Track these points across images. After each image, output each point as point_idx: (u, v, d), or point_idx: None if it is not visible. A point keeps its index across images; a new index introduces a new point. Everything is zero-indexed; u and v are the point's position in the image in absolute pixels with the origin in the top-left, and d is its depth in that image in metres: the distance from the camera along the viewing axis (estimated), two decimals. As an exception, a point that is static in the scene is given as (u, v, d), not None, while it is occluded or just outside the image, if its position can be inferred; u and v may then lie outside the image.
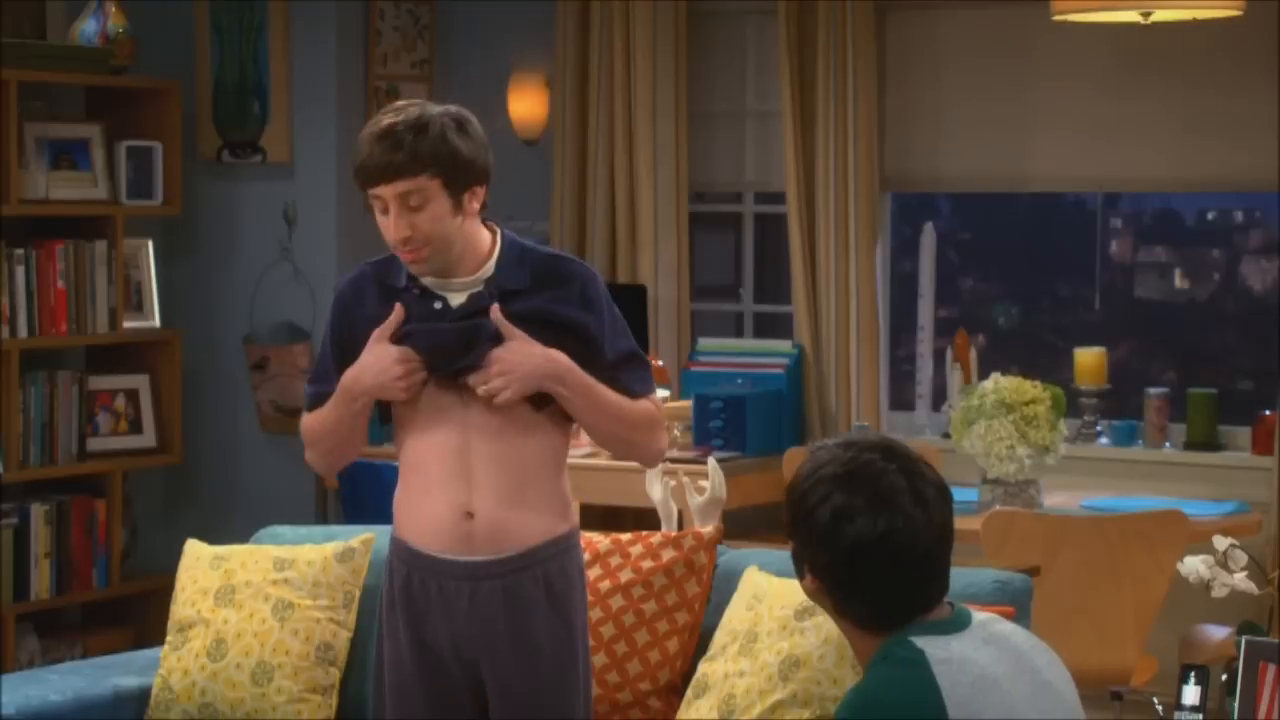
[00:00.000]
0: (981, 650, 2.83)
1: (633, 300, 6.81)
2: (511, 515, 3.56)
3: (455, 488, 3.55)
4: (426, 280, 3.58)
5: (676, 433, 6.43)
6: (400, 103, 3.56)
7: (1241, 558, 4.12)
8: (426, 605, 3.59)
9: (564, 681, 3.61)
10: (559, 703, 3.60)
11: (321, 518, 6.87)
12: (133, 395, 6.78)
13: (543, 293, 3.58)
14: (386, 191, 3.46)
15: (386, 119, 3.48)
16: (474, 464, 3.55)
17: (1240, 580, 4.10)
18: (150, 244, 6.85)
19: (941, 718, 2.74)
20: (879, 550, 2.84)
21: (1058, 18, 5.79)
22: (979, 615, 2.93)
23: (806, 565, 2.93)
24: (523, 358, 3.52)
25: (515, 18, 7.25)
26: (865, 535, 2.84)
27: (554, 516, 3.62)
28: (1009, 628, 2.93)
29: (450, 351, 3.54)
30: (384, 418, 3.69)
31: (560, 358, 3.54)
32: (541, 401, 3.57)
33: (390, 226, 3.48)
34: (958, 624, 2.87)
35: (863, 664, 2.93)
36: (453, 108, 3.54)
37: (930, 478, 2.91)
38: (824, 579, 2.90)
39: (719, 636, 4.01)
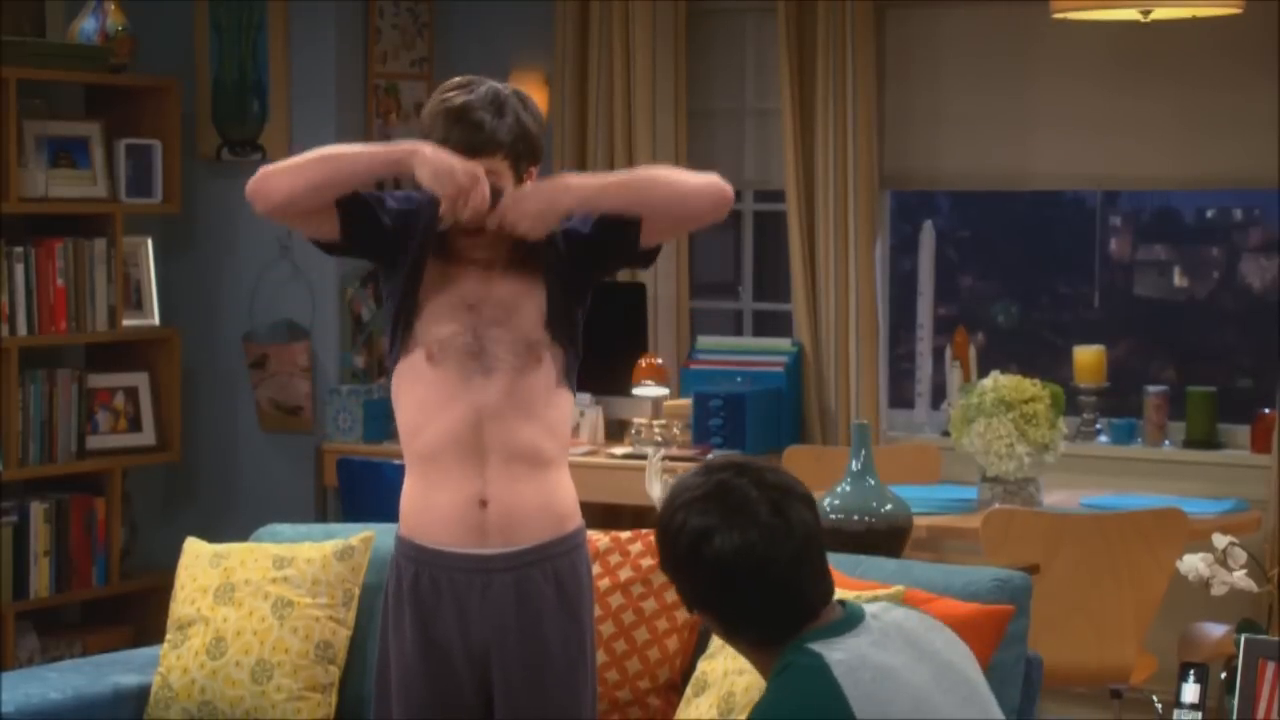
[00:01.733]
0: (878, 644, 2.83)
1: (632, 298, 6.81)
2: (525, 504, 3.55)
3: (469, 474, 3.54)
4: None
5: (676, 431, 6.43)
6: (462, 79, 3.54)
7: (1241, 555, 4.13)
8: (436, 602, 3.57)
9: (572, 679, 3.60)
10: (566, 701, 3.59)
11: (321, 516, 6.87)
12: (132, 393, 6.78)
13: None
14: None
15: (459, 96, 3.48)
16: (487, 447, 3.53)
17: (1239, 578, 4.10)
18: (149, 242, 6.85)
19: (847, 717, 2.73)
20: (742, 564, 2.83)
21: (1057, 16, 5.79)
22: (870, 607, 2.93)
23: (685, 598, 2.93)
24: (528, 189, 3.52)
25: (514, 15, 7.25)
26: (724, 551, 2.83)
27: (563, 512, 3.61)
28: (901, 613, 2.93)
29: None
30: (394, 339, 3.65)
31: (558, 177, 3.56)
32: (539, 357, 3.56)
33: None
34: (850, 622, 2.87)
35: (766, 675, 2.92)
36: (510, 85, 3.56)
37: (788, 486, 2.90)
38: (703, 605, 2.90)
39: (718, 634, 4.01)
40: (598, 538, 4.25)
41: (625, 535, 4.27)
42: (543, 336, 3.56)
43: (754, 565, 2.83)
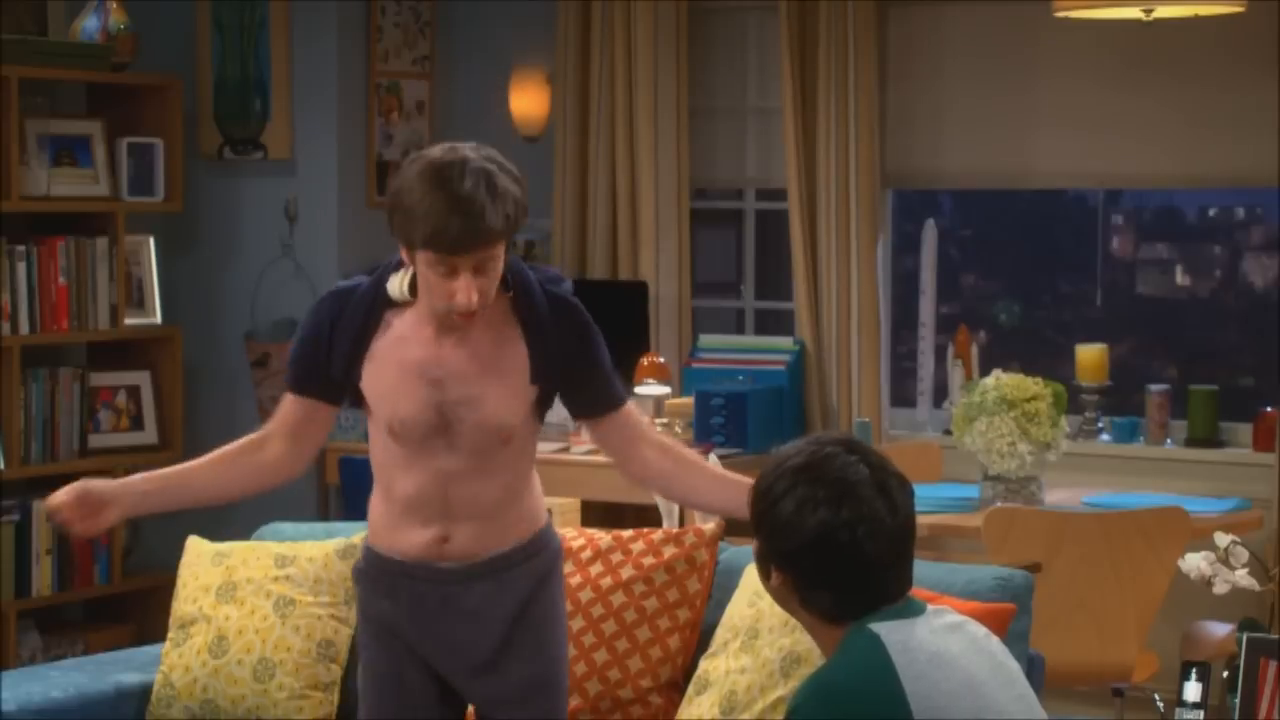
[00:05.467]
0: (936, 632, 2.87)
1: (634, 297, 6.81)
2: (485, 538, 3.52)
3: (431, 525, 3.51)
4: None
5: (678, 429, 6.43)
6: (445, 151, 3.33)
7: (1243, 554, 4.13)
8: (400, 606, 3.55)
9: (542, 675, 3.57)
10: (538, 700, 3.57)
11: (323, 514, 6.87)
12: (134, 392, 6.79)
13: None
14: (465, 261, 3.30)
15: (453, 182, 3.27)
16: (451, 505, 3.50)
17: (1241, 577, 4.10)
18: (151, 240, 6.85)
19: (895, 692, 2.76)
20: (844, 537, 2.86)
21: (1059, 14, 5.79)
22: (931, 606, 2.96)
23: (772, 561, 2.95)
24: None
25: (516, 14, 7.25)
26: (830, 523, 2.87)
27: (527, 522, 3.57)
28: (962, 617, 2.97)
29: None
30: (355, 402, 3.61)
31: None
32: (508, 440, 3.49)
33: (461, 291, 3.31)
34: (914, 610, 2.91)
35: (826, 654, 2.95)
36: (487, 149, 3.37)
37: (893, 471, 2.95)
38: (789, 570, 2.92)
39: (720, 633, 4.01)
40: (600, 536, 4.25)
41: (627, 534, 4.27)
42: (516, 423, 3.47)
43: (853, 543, 2.87)
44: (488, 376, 3.45)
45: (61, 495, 3.50)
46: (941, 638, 2.87)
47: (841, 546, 2.87)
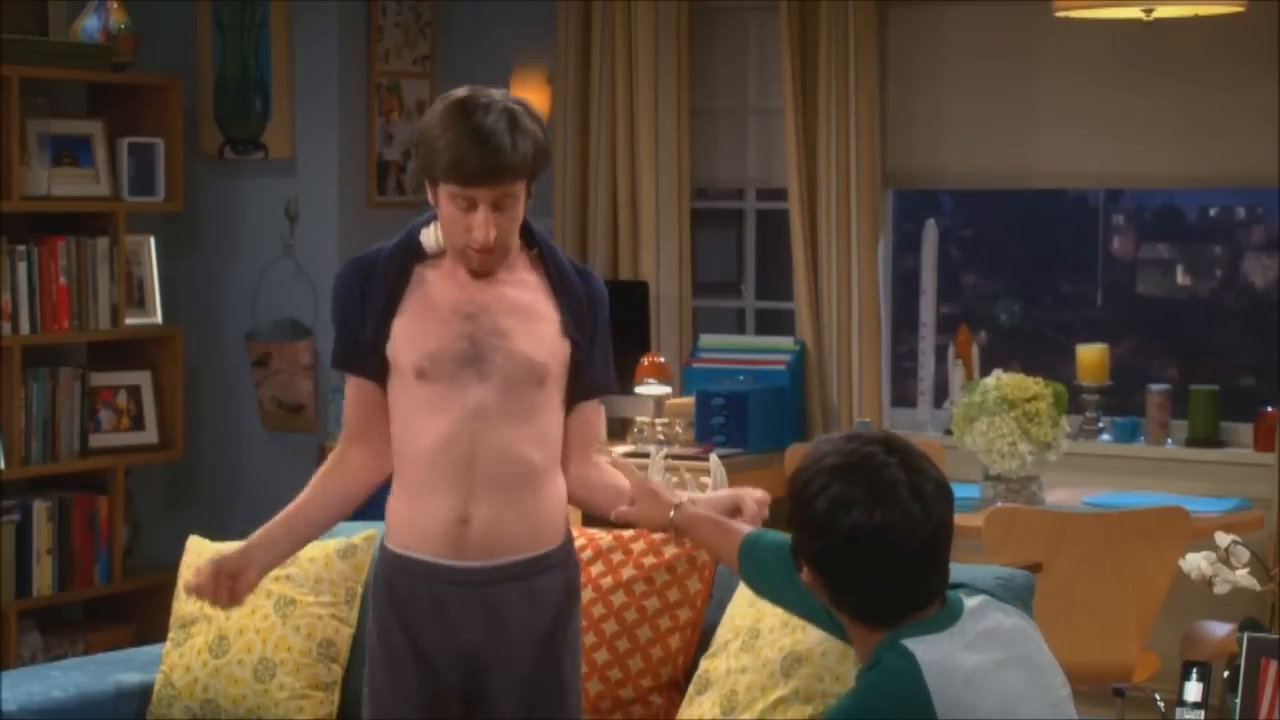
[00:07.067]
0: (972, 645, 2.84)
1: (634, 296, 6.81)
2: (507, 522, 3.47)
3: (453, 488, 3.46)
4: None
5: (679, 429, 6.43)
6: (468, 92, 3.40)
7: (1243, 554, 4.13)
8: (417, 611, 3.51)
9: (554, 692, 3.56)
10: (549, 710, 3.56)
11: (323, 514, 6.86)
12: (134, 392, 6.79)
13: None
14: (484, 194, 3.35)
15: (476, 115, 3.33)
16: (476, 457, 3.45)
17: (1242, 577, 4.11)
18: (152, 240, 6.85)
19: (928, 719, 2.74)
20: (875, 541, 2.84)
21: (1060, 14, 5.79)
22: (970, 602, 2.92)
23: (804, 557, 2.93)
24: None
25: (517, 14, 7.26)
26: (861, 525, 2.84)
27: (547, 529, 3.54)
28: (1000, 616, 2.93)
29: None
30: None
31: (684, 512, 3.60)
32: (541, 380, 3.49)
33: (478, 227, 3.36)
34: (948, 618, 2.87)
35: (861, 659, 2.93)
36: (514, 96, 3.44)
37: (930, 473, 2.91)
38: (820, 569, 2.90)
39: (721, 633, 4.01)
40: (601, 536, 4.25)
41: (628, 533, 4.27)
42: (548, 363, 3.48)
43: (884, 546, 2.84)
44: (521, 317, 3.48)
45: (199, 578, 3.58)
46: (977, 653, 2.82)
47: (873, 549, 2.84)
